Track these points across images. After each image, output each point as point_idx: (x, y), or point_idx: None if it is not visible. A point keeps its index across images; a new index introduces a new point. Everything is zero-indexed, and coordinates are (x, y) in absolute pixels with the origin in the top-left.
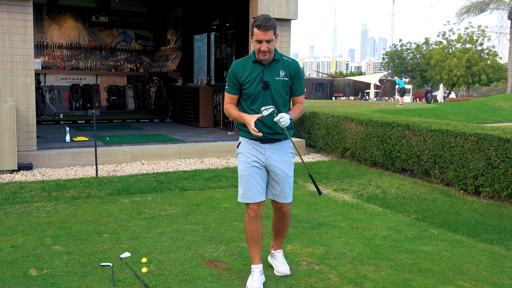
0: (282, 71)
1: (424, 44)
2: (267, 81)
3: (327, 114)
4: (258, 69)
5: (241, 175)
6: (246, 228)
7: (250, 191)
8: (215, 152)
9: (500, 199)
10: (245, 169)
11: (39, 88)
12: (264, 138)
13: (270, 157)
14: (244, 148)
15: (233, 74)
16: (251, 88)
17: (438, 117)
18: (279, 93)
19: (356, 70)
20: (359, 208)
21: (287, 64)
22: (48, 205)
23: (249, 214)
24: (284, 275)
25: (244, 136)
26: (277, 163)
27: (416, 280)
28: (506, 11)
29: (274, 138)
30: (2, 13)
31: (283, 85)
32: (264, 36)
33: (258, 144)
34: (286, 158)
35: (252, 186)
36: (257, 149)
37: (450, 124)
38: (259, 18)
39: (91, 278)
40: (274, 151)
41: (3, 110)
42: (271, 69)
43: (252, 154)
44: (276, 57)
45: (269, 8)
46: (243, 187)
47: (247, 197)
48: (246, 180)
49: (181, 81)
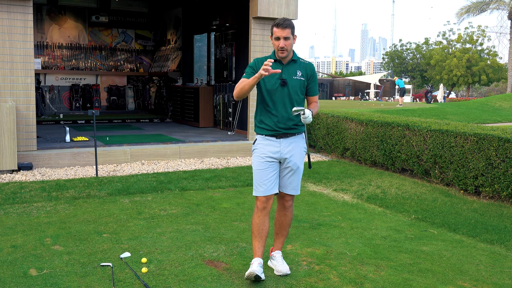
0: (299, 71)
1: (424, 44)
2: (285, 79)
3: (327, 114)
4: (277, 67)
5: (255, 169)
6: (253, 221)
7: (260, 185)
8: (215, 152)
9: (500, 199)
10: (258, 163)
11: (39, 88)
12: (279, 133)
13: (284, 151)
14: (260, 144)
15: (255, 64)
16: (270, 84)
17: (438, 117)
18: (295, 91)
19: (356, 70)
20: (359, 208)
21: (304, 65)
22: (48, 205)
23: (258, 206)
24: (284, 275)
25: (260, 133)
26: (291, 156)
27: (416, 280)
28: (506, 11)
29: (289, 133)
30: (2, 13)
31: (299, 84)
32: (282, 33)
33: (273, 140)
34: (299, 152)
35: (265, 179)
36: (272, 145)
37: (450, 124)
38: (279, 18)
39: (91, 278)
40: (288, 145)
41: (3, 110)
42: (289, 68)
43: (266, 150)
44: (294, 58)
45: (269, 8)
46: (256, 181)
47: (258, 190)
48: (259, 174)
49: (181, 81)
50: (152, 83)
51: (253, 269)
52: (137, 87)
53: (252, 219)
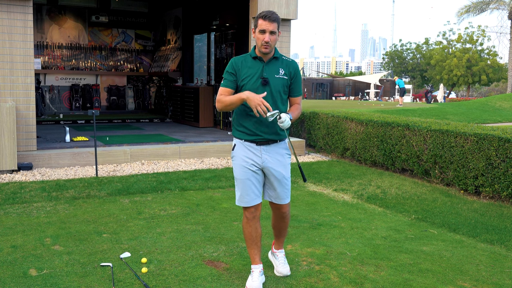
0: (281, 69)
1: (424, 44)
2: (266, 77)
3: (327, 114)
4: (258, 66)
5: (237, 178)
6: (244, 230)
7: (246, 195)
8: (215, 152)
9: (500, 199)
10: (241, 173)
11: (39, 88)
12: (260, 140)
13: (266, 160)
14: (240, 151)
15: (232, 68)
16: (250, 84)
17: (438, 117)
18: (277, 90)
19: (356, 70)
20: (359, 208)
21: (286, 63)
22: (48, 205)
23: (247, 216)
24: (284, 276)
25: (239, 137)
26: (274, 165)
27: (416, 280)
28: (506, 11)
29: (270, 139)
30: (2, 13)
31: (282, 83)
32: (269, 26)
33: (253, 146)
34: (282, 160)
35: (249, 189)
36: (253, 152)
37: (450, 124)
38: (265, 10)
39: (91, 278)
40: (270, 153)
41: (3, 110)
42: (270, 66)
43: (248, 157)
44: (276, 55)
45: (269, 8)
46: (240, 190)
47: (244, 200)
48: (243, 183)
49: (181, 81)
50: (152, 83)
51: (254, 286)
52: (137, 87)
53: (243, 228)
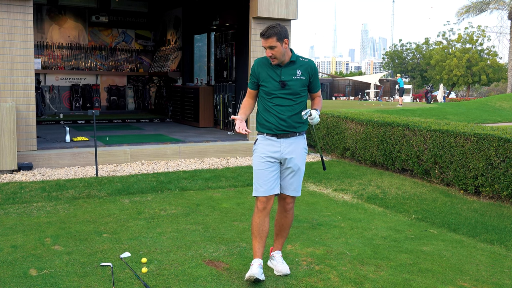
0: (299, 71)
1: (424, 44)
2: (284, 80)
3: (327, 114)
4: (276, 69)
5: (255, 169)
6: (253, 221)
7: (260, 186)
8: (215, 152)
9: (500, 199)
10: (258, 163)
11: (39, 88)
12: (280, 133)
13: (285, 152)
14: (261, 144)
15: (253, 70)
16: (269, 85)
17: (438, 117)
18: (296, 91)
19: (356, 70)
20: (359, 208)
21: (303, 63)
22: (48, 205)
23: (258, 206)
24: (284, 275)
25: (262, 131)
26: (292, 157)
27: (416, 280)
28: (506, 11)
29: (290, 132)
30: (2, 13)
31: (300, 84)
32: (266, 43)
33: (274, 139)
34: (300, 153)
35: (265, 179)
36: (273, 144)
37: (450, 124)
38: (265, 27)
39: (91, 278)
40: (289, 145)
41: (3, 110)
42: (287, 70)
43: (267, 150)
44: (293, 59)
45: (269, 8)
46: (256, 181)
47: (258, 190)
48: (259, 174)
49: (181, 81)
50: (152, 83)
51: (253, 272)
52: (137, 87)
53: (252, 219)
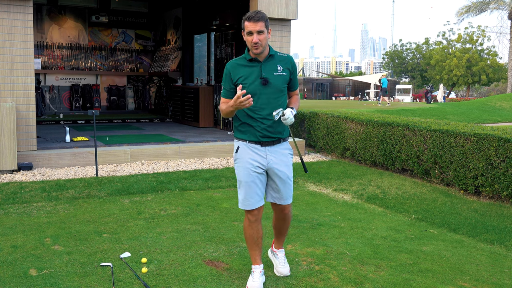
0: (279, 66)
1: (424, 44)
2: (266, 77)
3: (327, 114)
4: (255, 66)
5: (241, 181)
6: (246, 232)
7: (250, 197)
8: (215, 152)
9: (500, 199)
10: (245, 175)
11: (39, 88)
12: (264, 141)
13: (271, 160)
14: (244, 153)
15: (228, 74)
16: (249, 85)
17: (438, 117)
18: (279, 89)
19: (356, 70)
20: (359, 208)
21: (283, 59)
22: (48, 205)
23: (249, 219)
24: (284, 276)
25: (243, 139)
26: (278, 166)
27: (416, 280)
28: (506, 11)
29: (275, 138)
30: (2, 13)
31: (282, 81)
32: (255, 27)
33: (258, 148)
34: (286, 160)
35: (253, 192)
36: (258, 153)
37: (450, 124)
38: (250, 11)
39: (91, 278)
40: (274, 153)
41: (3, 110)
42: (267, 65)
43: (253, 159)
44: (271, 53)
45: (269, 8)
46: (243, 193)
47: (247, 204)
48: (247, 186)
49: (181, 81)
50: (152, 83)
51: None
52: (137, 87)
53: (244, 229)
